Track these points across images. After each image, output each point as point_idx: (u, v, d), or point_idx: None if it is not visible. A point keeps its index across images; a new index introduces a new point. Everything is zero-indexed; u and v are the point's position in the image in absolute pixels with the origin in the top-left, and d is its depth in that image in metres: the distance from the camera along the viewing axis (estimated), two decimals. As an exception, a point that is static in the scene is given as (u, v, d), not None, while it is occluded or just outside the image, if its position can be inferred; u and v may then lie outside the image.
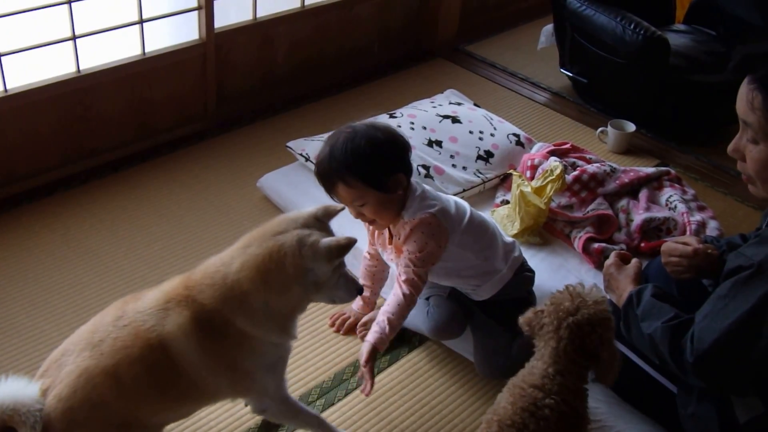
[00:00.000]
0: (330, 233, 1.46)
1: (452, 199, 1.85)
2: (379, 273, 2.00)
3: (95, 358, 1.36)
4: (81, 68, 2.44)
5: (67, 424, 1.33)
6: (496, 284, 1.88)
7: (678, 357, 1.47)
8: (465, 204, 1.87)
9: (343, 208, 1.54)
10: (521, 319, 1.48)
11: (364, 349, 1.68)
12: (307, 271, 1.38)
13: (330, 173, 1.68)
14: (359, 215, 1.75)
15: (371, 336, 1.70)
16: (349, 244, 1.38)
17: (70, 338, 1.45)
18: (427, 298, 1.95)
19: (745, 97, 1.39)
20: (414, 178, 1.79)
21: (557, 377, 1.39)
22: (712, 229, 2.28)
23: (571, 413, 1.39)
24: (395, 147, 1.71)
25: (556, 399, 1.37)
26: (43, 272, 2.16)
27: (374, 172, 1.67)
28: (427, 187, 1.82)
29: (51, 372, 1.40)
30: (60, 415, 1.33)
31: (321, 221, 1.45)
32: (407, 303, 1.74)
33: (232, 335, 1.40)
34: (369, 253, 1.97)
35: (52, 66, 2.41)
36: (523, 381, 1.43)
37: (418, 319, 1.94)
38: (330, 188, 1.71)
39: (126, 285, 2.14)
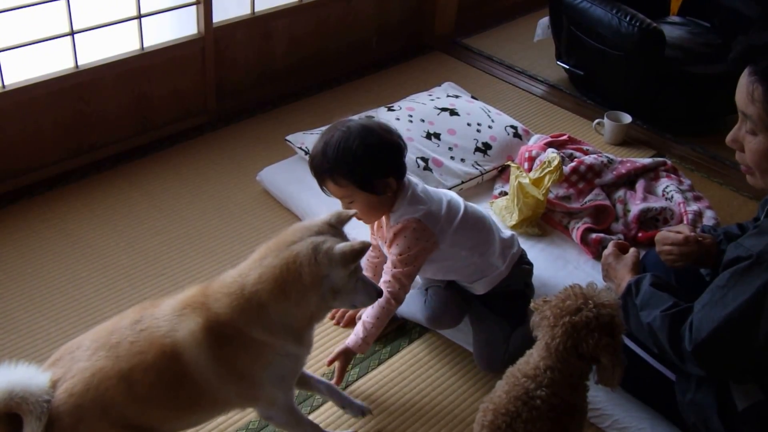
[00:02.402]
0: (344, 238, 1.45)
1: (445, 198, 1.83)
2: (380, 264, 2.00)
3: (111, 360, 1.36)
4: (79, 64, 2.44)
5: (75, 420, 1.33)
6: (493, 281, 1.89)
7: (677, 345, 1.48)
8: (459, 201, 1.85)
9: (354, 213, 1.54)
10: (532, 304, 1.48)
11: (336, 349, 1.76)
12: (323, 278, 1.38)
13: (321, 169, 1.71)
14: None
15: (349, 339, 1.77)
16: (364, 248, 1.37)
17: (87, 333, 1.46)
18: (426, 289, 1.96)
19: (745, 88, 1.39)
20: (409, 176, 1.79)
21: (548, 372, 1.39)
22: (708, 218, 2.29)
23: (562, 406, 1.39)
24: (387, 151, 1.71)
25: (547, 391, 1.38)
26: (42, 268, 2.17)
27: (363, 174, 1.68)
28: (419, 186, 1.80)
29: (64, 363, 1.40)
30: (69, 409, 1.33)
31: (335, 227, 1.45)
32: (384, 306, 1.75)
33: (245, 344, 1.40)
34: (371, 244, 1.97)
35: (50, 62, 2.40)
36: (518, 371, 1.44)
37: (416, 307, 1.95)
38: (321, 183, 1.74)
39: (125, 280, 2.15)
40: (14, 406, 1.30)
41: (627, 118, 2.93)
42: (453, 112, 2.62)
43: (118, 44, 2.54)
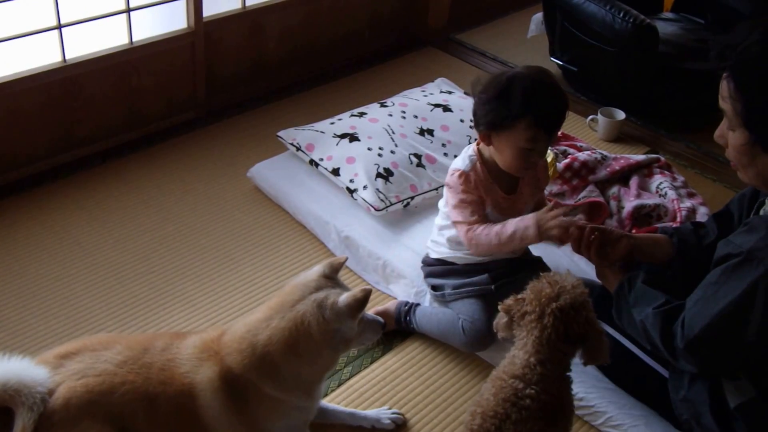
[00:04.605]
0: (343, 287, 1.47)
1: None
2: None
3: (142, 377, 1.39)
4: (67, 58, 2.41)
5: (82, 413, 1.33)
6: None
7: (669, 342, 1.48)
8: None
9: (346, 260, 1.55)
10: (501, 306, 1.47)
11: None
12: (334, 332, 1.42)
13: (566, 108, 1.73)
14: (529, 161, 1.75)
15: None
16: (366, 295, 1.40)
17: (117, 336, 1.49)
18: (450, 308, 1.91)
19: (720, 86, 1.43)
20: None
21: (538, 367, 1.38)
22: (702, 215, 2.29)
23: (552, 402, 1.39)
24: None
25: (536, 389, 1.38)
26: (30, 265, 2.14)
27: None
28: None
29: (83, 358, 1.40)
30: (80, 403, 1.34)
31: (330, 277, 1.47)
32: None
33: (258, 398, 1.43)
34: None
35: (37, 55, 2.37)
36: (504, 372, 1.43)
37: (450, 331, 1.90)
38: (559, 123, 1.73)
39: (114, 277, 2.12)
40: (7, 399, 1.30)
41: (621, 115, 2.93)
42: (446, 108, 2.60)
43: (106, 38, 2.51)
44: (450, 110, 2.60)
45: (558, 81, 1.75)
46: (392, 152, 2.36)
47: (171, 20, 2.65)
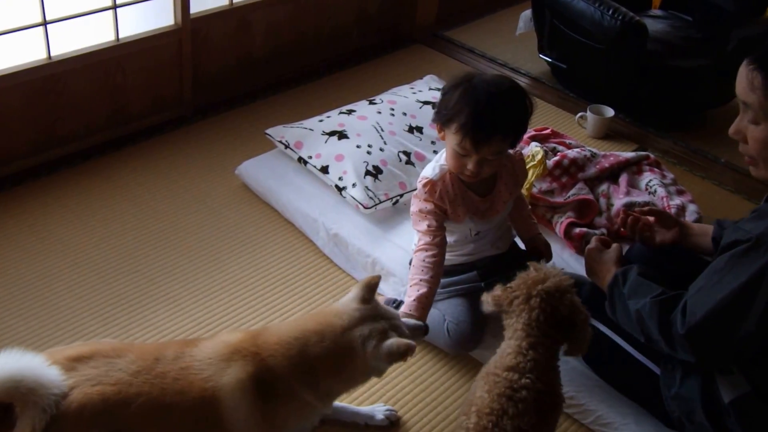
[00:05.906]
0: (385, 317, 1.51)
1: None
2: (442, 263, 1.80)
3: (157, 388, 1.36)
4: (52, 54, 2.37)
5: (95, 422, 1.31)
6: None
7: (667, 331, 1.48)
8: None
9: (380, 278, 1.56)
10: (488, 297, 1.49)
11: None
12: (373, 368, 1.49)
13: (502, 126, 1.67)
14: (476, 172, 1.70)
15: None
16: (408, 350, 1.44)
17: (127, 344, 1.47)
18: (441, 312, 1.89)
19: (745, 78, 1.41)
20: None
21: (530, 352, 1.39)
22: (691, 212, 2.29)
23: (547, 391, 1.39)
24: None
25: (531, 377, 1.38)
26: (11, 265, 2.10)
27: (523, 134, 1.78)
28: None
29: (97, 364, 1.37)
30: (96, 411, 1.31)
31: (368, 300, 1.52)
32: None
33: (294, 403, 1.45)
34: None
35: (22, 52, 2.33)
36: (496, 367, 1.42)
37: (435, 332, 1.87)
38: (486, 138, 1.65)
39: (97, 276, 2.09)
40: (17, 396, 1.26)
41: (609, 112, 2.93)
42: (435, 106, 2.58)
43: (92, 35, 2.47)
44: (439, 107, 2.58)
45: (525, 96, 1.71)
46: (381, 150, 2.34)
47: (158, 17, 2.62)
